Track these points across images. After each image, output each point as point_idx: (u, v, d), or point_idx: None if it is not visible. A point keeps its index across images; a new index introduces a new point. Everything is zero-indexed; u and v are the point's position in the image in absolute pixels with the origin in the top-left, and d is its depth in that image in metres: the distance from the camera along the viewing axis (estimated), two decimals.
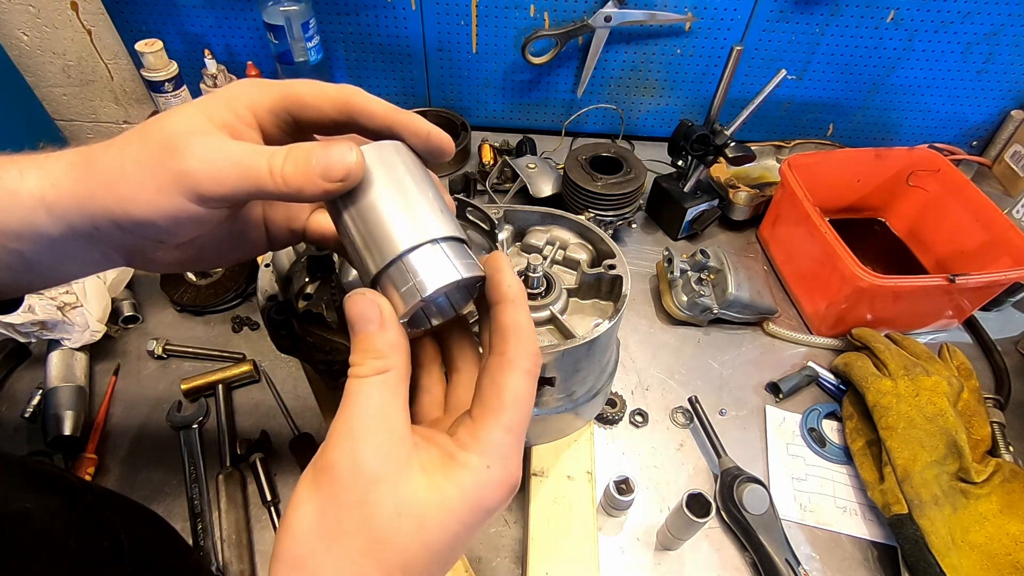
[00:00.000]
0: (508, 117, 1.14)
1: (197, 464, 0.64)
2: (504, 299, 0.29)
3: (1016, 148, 1.06)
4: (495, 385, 0.27)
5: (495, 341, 0.28)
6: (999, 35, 0.96)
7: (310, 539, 0.24)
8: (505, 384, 0.27)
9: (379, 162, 0.28)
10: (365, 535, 0.24)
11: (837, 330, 0.80)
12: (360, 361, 0.26)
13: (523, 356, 0.28)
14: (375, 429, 0.25)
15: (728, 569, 0.60)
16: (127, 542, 0.38)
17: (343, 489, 0.24)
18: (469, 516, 0.25)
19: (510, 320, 0.28)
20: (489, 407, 0.27)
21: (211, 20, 1.00)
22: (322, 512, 0.24)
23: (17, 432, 0.66)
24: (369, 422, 0.25)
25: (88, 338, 0.69)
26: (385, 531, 0.24)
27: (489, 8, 0.97)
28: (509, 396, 0.27)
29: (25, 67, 1.14)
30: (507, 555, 0.59)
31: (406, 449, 0.25)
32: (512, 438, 0.27)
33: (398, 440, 0.25)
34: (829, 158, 0.90)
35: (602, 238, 0.59)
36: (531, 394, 0.28)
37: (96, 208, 0.27)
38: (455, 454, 0.26)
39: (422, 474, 0.25)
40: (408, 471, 0.25)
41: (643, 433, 0.70)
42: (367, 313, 0.26)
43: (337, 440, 0.25)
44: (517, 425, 0.27)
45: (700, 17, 0.96)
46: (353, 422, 0.25)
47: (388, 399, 0.26)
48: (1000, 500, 0.59)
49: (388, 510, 0.24)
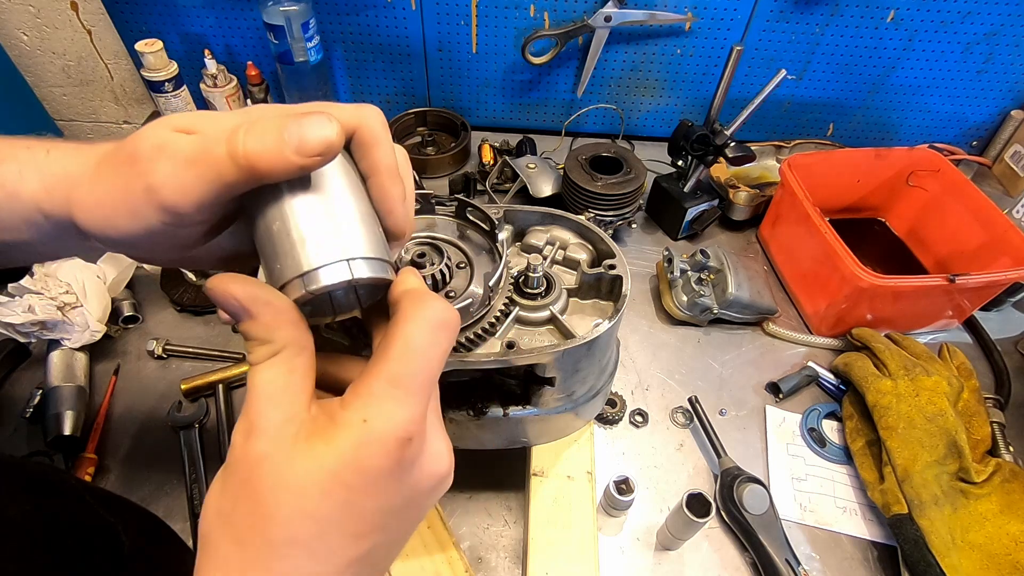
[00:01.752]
0: (508, 117, 1.14)
1: (197, 464, 0.64)
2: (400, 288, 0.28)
3: (1016, 148, 1.06)
4: (385, 339, 0.26)
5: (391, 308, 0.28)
6: (999, 35, 0.96)
7: (211, 518, 0.25)
8: (394, 335, 0.26)
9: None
10: (250, 511, 0.24)
11: (837, 330, 0.80)
12: (248, 349, 0.26)
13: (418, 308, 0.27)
14: (266, 412, 0.25)
15: (728, 569, 0.60)
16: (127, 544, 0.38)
17: (234, 470, 0.25)
18: (353, 477, 0.24)
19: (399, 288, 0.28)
20: (375, 360, 0.26)
21: (211, 20, 1.00)
22: (220, 492, 0.26)
23: (17, 432, 0.66)
24: (261, 405, 0.25)
25: (88, 338, 0.69)
26: (267, 506, 0.24)
27: (489, 8, 0.97)
28: (398, 346, 0.26)
29: (25, 67, 1.14)
30: (507, 555, 0.59)
31: (296, 426, 0.25)
32: (398, 390, 0.25)
33: (290, 419, 0.25)
34: (829, 158, 0.90)
35: (602, 238, 0.59)
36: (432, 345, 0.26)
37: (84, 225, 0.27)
38: (335, 415, 0.25)
39: (304, 445, 0.24)
40: (294, 446, 0.24)
41: (643, 433, 0.70)
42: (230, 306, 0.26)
43: (238, 427, 0.26)
44: (407, 376, 0.25)
45: (700, 17, 0.96)
46: (248, 406, 0.25)
47: (281, 380, 0.25)
48: (1000, 500, 0.59)
49: (267, 485, 0.24)
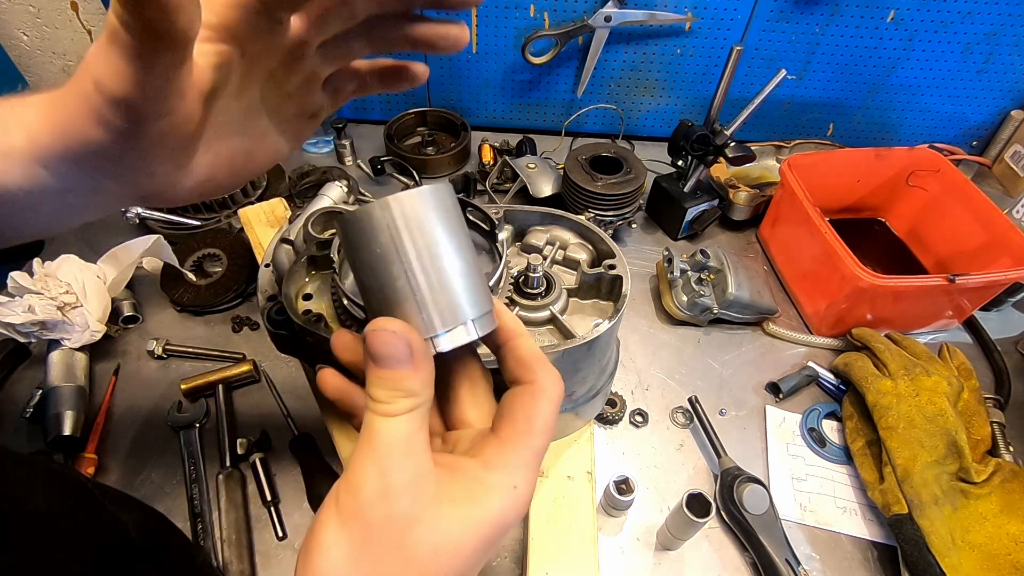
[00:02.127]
0: (508, 117, 1.14)
1: (197, 464, 0.64)
2: (515, 335, 0.30)
3: (1016, 148, 1.06)
4: (527, 410, 0.28)
5: (520, 372, 0.30)
6: (999, 35, 0.96)
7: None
8: (537, 410, 0.28)
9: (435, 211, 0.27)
10: (404, 573, 0.24)
11: (837, 330, 0.80)
12: (387, 399, 0.25)
13: (551, 384, 0.29)
14: (404, 468, 0.25)
15: (728, 569, 0.60)
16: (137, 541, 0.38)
17: (379, 532, 0.24)
18: (496, 534, 0.27)
19: (527, 351, 0.30)
20: (521, 431, 0.28)
21: None
22: (358, 555, 0.24)
23: (17, 432, 0.66)
24: (399, 461, 0.25)
25: (88, 338, 0.69)
26: (426, 568, 0.24)
27: (489, 8, 0.97)
28: (539, 422, 0.28)
29: (25, 67, 1.14)
30: (507, 555, 0.59)
31: (434, 485, 0.26)
32: (538, 461, 0.28)
33: (426, 476, 0.25)
34: (829, 158, 0.90)
35: (602, 238, 0.59)
36: (556, 421, 0.29)
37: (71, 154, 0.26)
38: (483, 478, 0.27)
39: (453, 507, 0.25)
40: (440, 507, 0.25)
41: (643, 433, 0.70)
42: (396, 352, 0.25)
43: (364, 480, 0.24)
44: (543, 450, 0.29)
45: (700, 17, 0.96)
46: (383, 462, 0.24)
47: (415, 435, 0.25)
48: (1000, 500, 0.59)
49: (427, 550, 0.24)
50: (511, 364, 0.30)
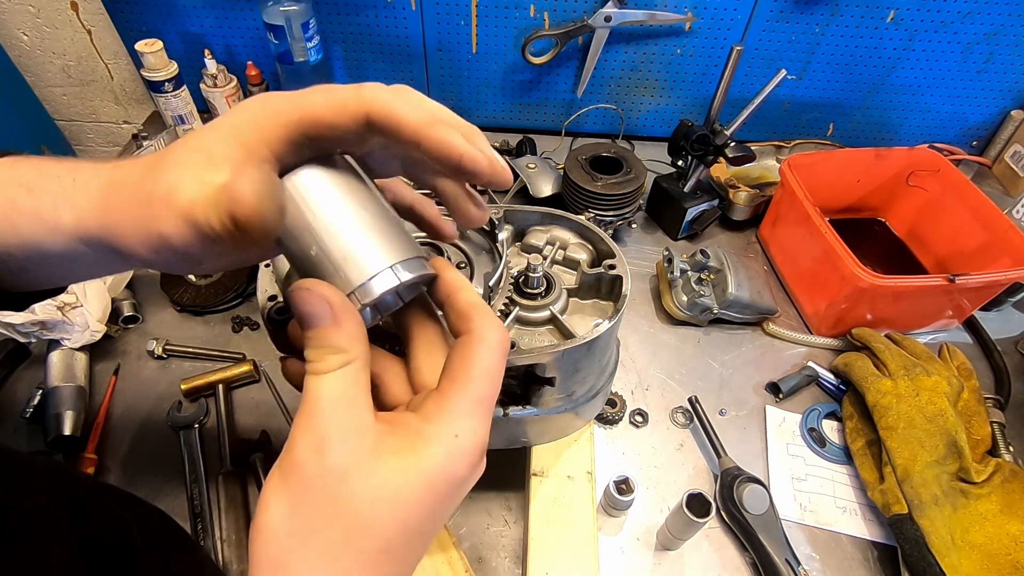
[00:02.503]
0: (508, 117, 1.14)
1: (197, 464, 0.64)
2: (455, 288, 0.30)
3: (1016, 148, 1.06)
4: (463, 359, 0.28)
5: (458, 323, 0.29)
6: (999, 35, 0.96)
7: (284, 539, 0.24)
8: (475, 357, 0.28)
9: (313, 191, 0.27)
10: (341, 526, 0.24)
11: (837, 330, 0.80)
12: (317, 357, 0.26)
13: (491, 330, 0.28)
14: (339, 424, 0.25)
15: (728, 569, 0.60)
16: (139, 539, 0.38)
17: (313, 487, 0.24)
18: (444, 486, 0.26)
19: (465, 300, 0.29)
20: (458, 380, 0.27)
21: (211, 20, 1.00)
22: (293, 511, 0.24)
23: (17, 432, 0.66)
24: (333, 417, 0.25)
25: (88, 338, 0.69)
26: (363, 518, 0.24)
27: (489, 8, 0.97)
28: (478, 368, 0.27)
29: (25, 67, 1.14)
30: (507, 555, 0.59)
31: (372, 438, 0.25)
32: (480, 408, 0.27)
33: (363, 431, 0.25)
34: (829, 158, 0.90)
35: (602, 238, 0.59)
36: (500, 368, 0.28)
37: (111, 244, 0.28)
38: (422, 429, 0.26)
39: (391, 458, 0.25)
40: (378, 458, 0.25)
41: (643, 433, 0.70)
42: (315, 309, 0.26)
43: (300, 438, 0.25)
44: (487, 398, 0.27)
45: (700, 17, 0.96)
46: (315, 419, 0.25)
47: (350, 391, 0.25)
48: (1000, 500, 0.59)
49: (363, 501, 0.24)
50: (452, 318, 0.30)
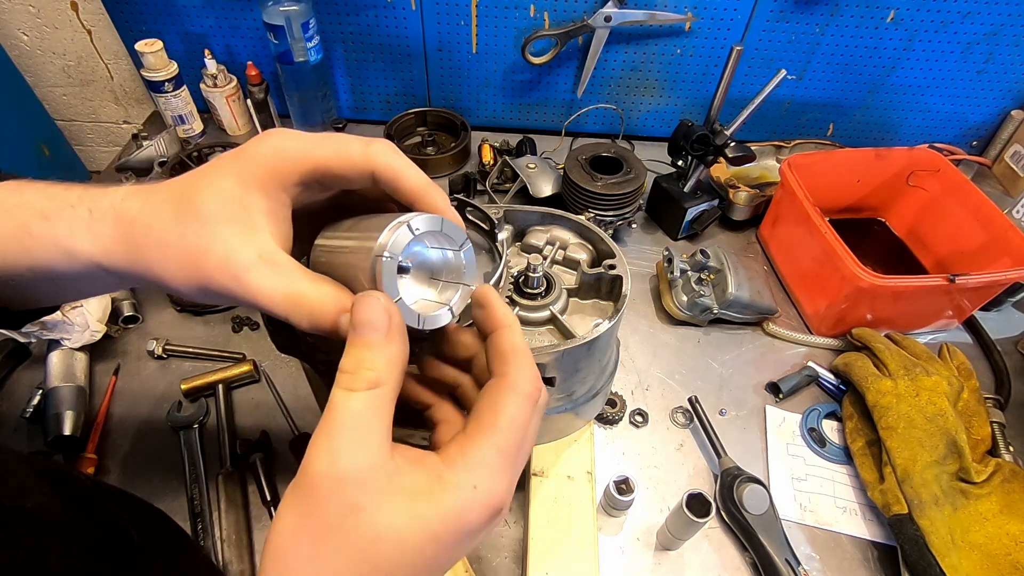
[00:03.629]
0: (508, 117, 1.14)
1: (197, 464, 0.64)
2: (500, 325, 0.29)
3: (1016, 148, 1.06)
4: (492, 405, 0.27)
5: (496, 364, 0.29)
6: (999, 35, 0.96)
7: (291, 559, 0.24)
8: (503, 404, 0.27)
9: None
10: (345, 556, 0.24)
11: (837, 330, 0.80)
12: (353, 369, 0.25)
13: (524, 379, 0.28)
14: (355, 454, 0.24)
15: (728, 569, 0.60)
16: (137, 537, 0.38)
17: (322, 509, 0.24)
18: (452, 538, 0.25)
19: (508, 343, 0.29)
20: (483, 425, 0.27)
21: (211, 20, 1.00)
22: (300, 527, 0.24)
23: (17, 432, 0.66)
24: (350, 445, 0.24)
25: (88, 338, 0.69)
26: (365, 554, 0.24)
27: (489, 8, 0.97)
28: (505, 417, 0.27)
29: (25, 67, 1.14)
30: (507, 555, 0.59)
31: (386, 473, 0.25)
32: (504, 460, 0.26)
33: (378, 467, 0.25)
34: (829, 158, 0.90)
35: (602, 238, 0.59)
36: (528, 419, 0.28)
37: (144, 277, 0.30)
38: (442, 475, 0.26)
39: (403, 501, 0.25)
40: (387, 499, 0.24)
41: (643, 433, 0.70)
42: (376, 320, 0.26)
43: (316, 455, 0.24)
44: (511, 448, 0.27)
45: (700, 17, 0.96)
46: (335, 441, 0.24)
47: (372, 420, 0.25)
48: (1000, 500, 0.59)
49: (365, 538, 0.24)
50: (491, 355, 0.29)
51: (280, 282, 0.28)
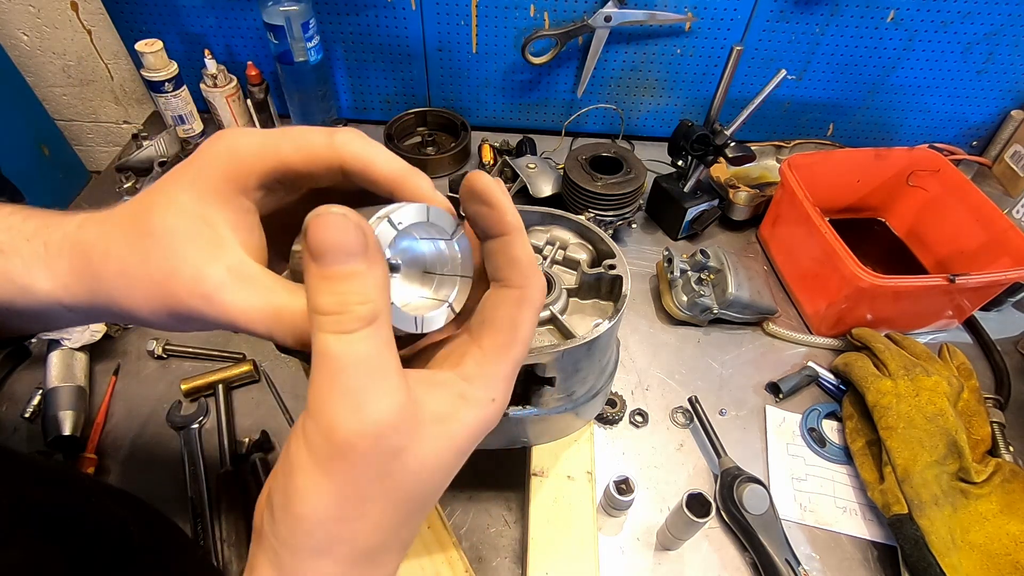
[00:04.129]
0: (508, 117, 1.14)
1: (197, 464, 0.64)
2: (512, 229, 0.27)
3: (1016, 148, 1.06)
4: (512, 320, 0.27)
5: (508, 274, 0.27)
6: (999, 35, 0.96)
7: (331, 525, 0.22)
8: (523, 319, 0.27)
9: None
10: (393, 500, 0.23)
11: (837, 330, 0.80)
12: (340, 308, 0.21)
13: (538, 292, 0.27)
14: (380, 398, 0.21)
15: (728, 569, 0.60)
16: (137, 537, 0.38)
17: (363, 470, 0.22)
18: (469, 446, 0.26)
19: (522, 251, 0.27)
20: (504, 341, 0.27)
21: (211, 20, 1.00)
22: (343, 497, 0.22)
23: (17, 432, 0.66)
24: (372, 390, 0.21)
25: (88, 338, 0.69)
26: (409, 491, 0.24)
27: (489, 8, 0.97)
28: (523, 332, 0.27)
29: (25, 67, 1.14)
30: (507, 555, 0.59)
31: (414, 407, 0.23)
32: (516, 371, 0.27)
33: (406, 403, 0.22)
34: (829, 158, 0.90)
35: (602, 238, 0.59)
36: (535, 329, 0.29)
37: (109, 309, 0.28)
38: (464, 392, 0.25)
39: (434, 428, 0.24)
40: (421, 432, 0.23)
41: (643, 433, 0.70)
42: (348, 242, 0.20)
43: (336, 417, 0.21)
44: (523, 359, 0.28)
45: (700, 17, 0.96)
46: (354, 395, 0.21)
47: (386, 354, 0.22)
48: (1000, 500, 0.59)
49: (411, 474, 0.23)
50: (501, 261, 0.27)
51: (256, 297, 0.25)
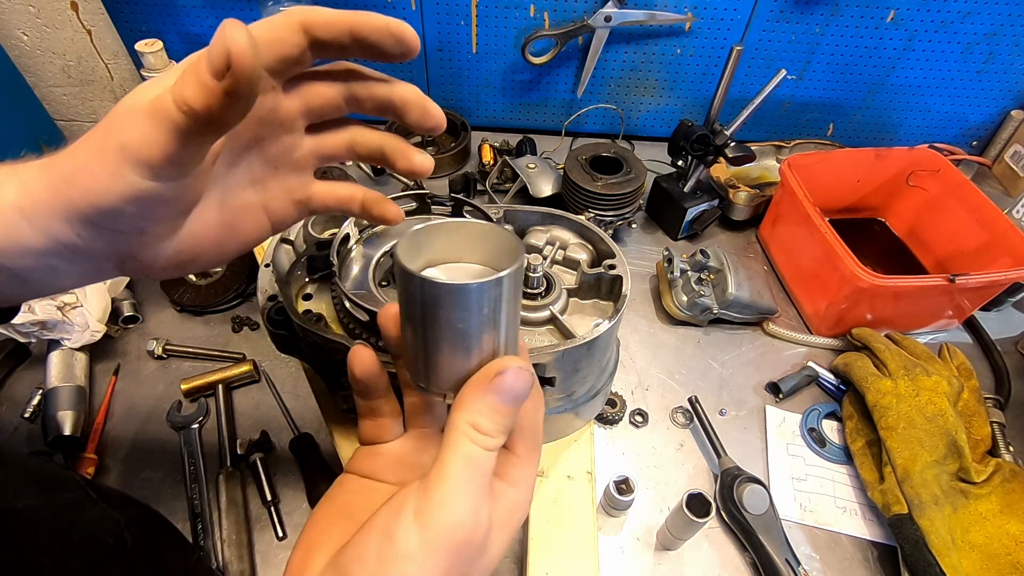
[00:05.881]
0: (508, 117, 1.14)
1: (197, 464, 0.64)
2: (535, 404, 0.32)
3: (1016, 148, 1.06)
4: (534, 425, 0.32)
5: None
6: (999, 35, 0.96)
7: None
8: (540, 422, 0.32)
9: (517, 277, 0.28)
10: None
11: (837, 330, 0.80)
12: (494, 432, 0.27)
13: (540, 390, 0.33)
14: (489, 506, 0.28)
15: (728, 569, 0.60)
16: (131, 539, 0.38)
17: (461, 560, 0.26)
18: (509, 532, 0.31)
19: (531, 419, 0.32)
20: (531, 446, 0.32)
21: (211, 20, 1.00)
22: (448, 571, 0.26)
23: (17, 432, 0.66)
24: (487, 498, 0.28)
25: (88, 338, 0.69)
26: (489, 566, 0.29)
27: (489, 8, 0.97)
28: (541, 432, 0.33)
29: (25, 67, 1.14)
30: (507, 555, 0.59)
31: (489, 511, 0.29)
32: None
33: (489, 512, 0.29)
34: (829, 158, 0.90)
35: (602, 238, 0.59)
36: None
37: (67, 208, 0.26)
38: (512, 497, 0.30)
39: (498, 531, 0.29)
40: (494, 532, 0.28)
41: (643, 433, 0.70)
42: (524, 390, 0.28)
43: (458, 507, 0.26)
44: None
45: (700, 17, 0.96)
46: (479, 496, 0.27)
47: (490, 471, 0.28)
48: (1000, 500, 0.59)
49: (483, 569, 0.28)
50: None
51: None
